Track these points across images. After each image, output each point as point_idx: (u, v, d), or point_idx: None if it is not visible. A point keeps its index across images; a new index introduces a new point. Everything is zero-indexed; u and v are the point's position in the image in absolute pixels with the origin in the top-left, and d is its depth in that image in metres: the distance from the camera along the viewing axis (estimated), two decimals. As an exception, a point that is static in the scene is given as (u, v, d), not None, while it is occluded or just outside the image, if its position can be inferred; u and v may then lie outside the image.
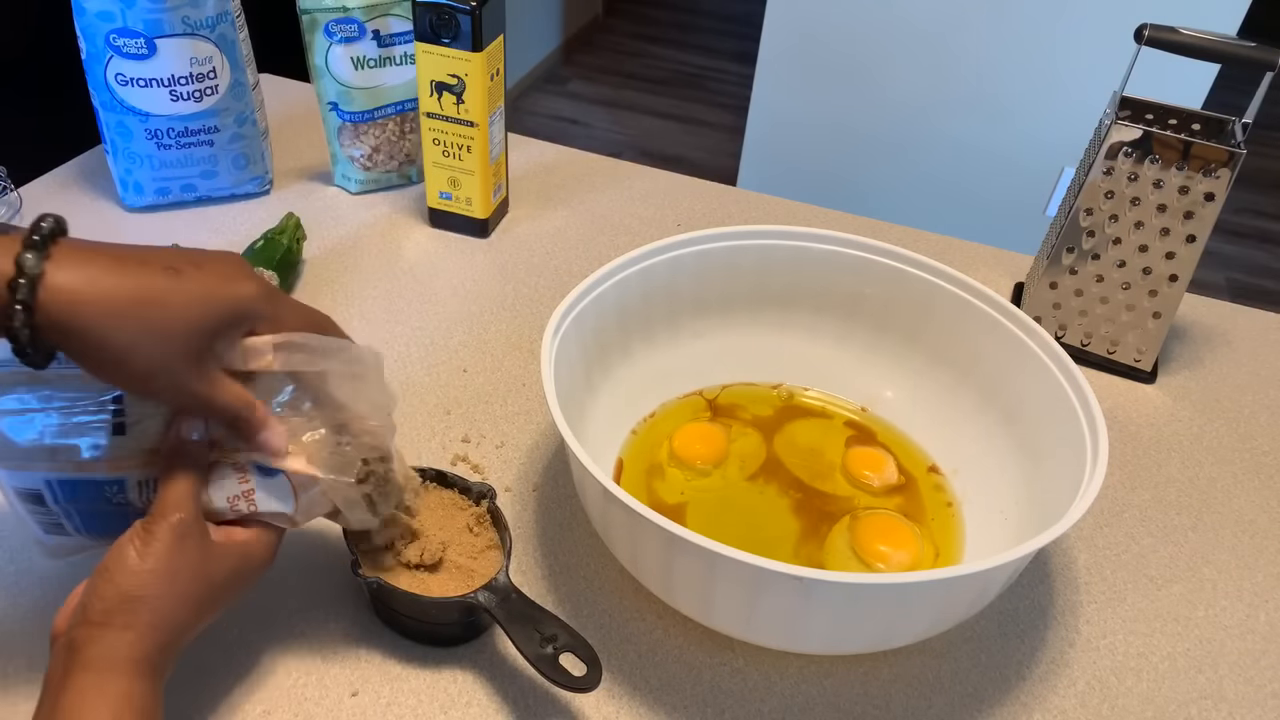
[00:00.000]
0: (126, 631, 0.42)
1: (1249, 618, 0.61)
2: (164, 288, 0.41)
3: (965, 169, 2.15)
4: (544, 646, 0.49)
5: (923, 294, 0.67)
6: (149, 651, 0.42)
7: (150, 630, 0.42)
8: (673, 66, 3.42)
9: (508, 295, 0.84)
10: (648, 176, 1.02)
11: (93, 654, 0.41)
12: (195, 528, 0.45)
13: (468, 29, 0.78)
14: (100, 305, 0.39)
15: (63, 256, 0.39)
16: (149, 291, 0.40)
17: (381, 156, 0.94)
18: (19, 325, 0.38)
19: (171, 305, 0.41)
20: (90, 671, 0.41)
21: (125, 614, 0.42)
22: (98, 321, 0.39)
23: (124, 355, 0.40)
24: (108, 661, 0.41)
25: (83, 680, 0.41)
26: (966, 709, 0.54)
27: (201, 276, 0.42)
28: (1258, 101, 0.69)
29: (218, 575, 0.45)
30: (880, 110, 2.15)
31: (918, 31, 2.01)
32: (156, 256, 0.42)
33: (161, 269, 0.41)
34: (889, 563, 0.60)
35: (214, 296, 0.42)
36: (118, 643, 0.42)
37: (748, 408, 0.71)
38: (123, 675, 0.41)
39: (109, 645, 0.41)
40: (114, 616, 0.42)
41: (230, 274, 0.43)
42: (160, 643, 0.43)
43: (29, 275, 0.38)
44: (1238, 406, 0.78)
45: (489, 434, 0.70)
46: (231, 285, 0.43)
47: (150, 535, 0.43)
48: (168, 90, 0.83)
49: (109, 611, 0.42)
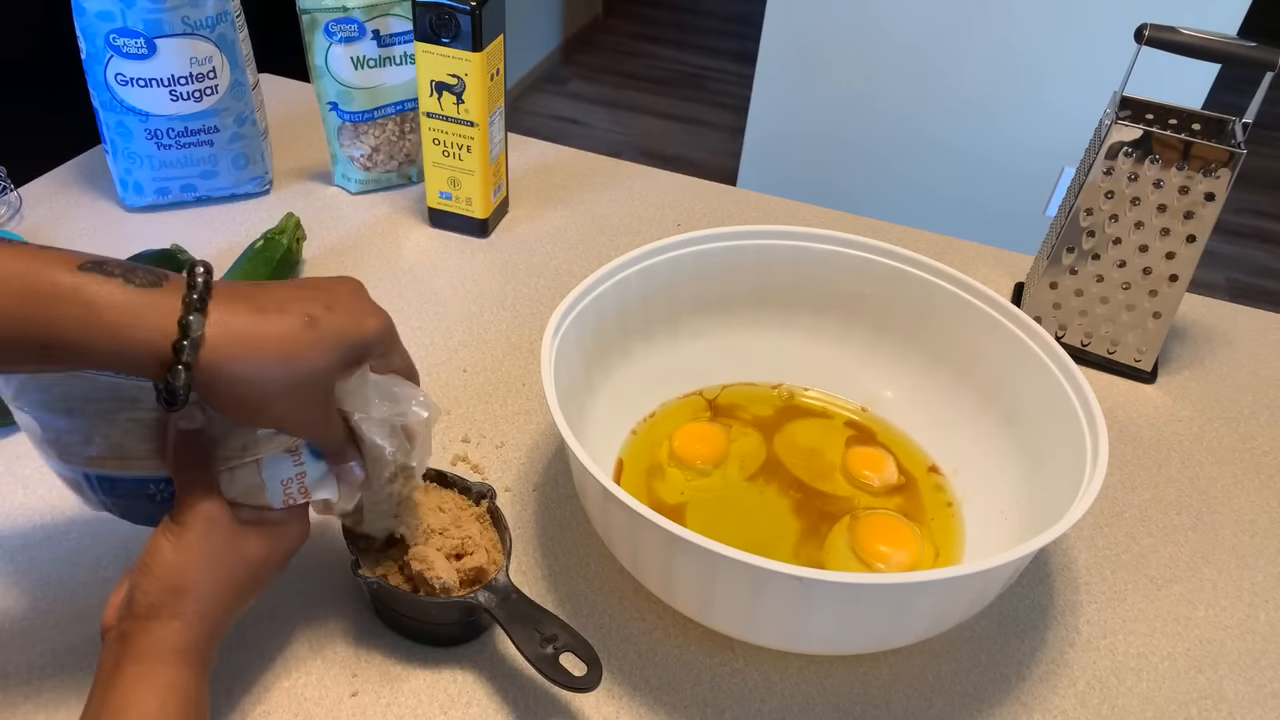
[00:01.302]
0: (173, 620, 0.43)
1: (1249, 618, 0.61)
2: (305, 342, 0.42)
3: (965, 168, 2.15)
4: (544, 646, 0.49)
5: (923, 294, 0.67)
6: (196, 640, 0.44)
7: (197, 618, 0.44)
8: (673, 66, 3.43)
9: (508, 295, 0.84)
10: (648, 176, 1.02)
11: (141, 646, 0.43)
12: (223, 512, 0.45)
13: (468, 29, 0.78)
14: (249, 362, 0.41)
15: (216, 311, 0.41)
16: (291, 346, 0.42)
17: (381, 156, 0.94)
18: (180, 384, 0.39)
19: (311, 358, 0.43)
20: (139, 663, 0.42)
21: (171, 605, 0.43)
22: (244, 376, 0.41)
23: (264, 405, 0.42)
24: (156, 652, 0.42)
25: (132, 671, 0.42)
26: (966, 709, 0.54)
27: (335, 322, 0.44)
28: (1258, 101, 0.69)
29: (255, 555, 0.47)
30: (880, 110, 2.15)
31: (919, 31, 2.01)
32: (294, 303, 0.43)
33: (300, 320, 0.43)
34: (889, 563, 0.60)
35: (346, 342, 0.44)
36: (165, 632, 0.43)
37: (748, 408, 0.71)
38: (170, 665, 0.42)
39: (157, 636, 0.43)
40: (160, 609, 0.43)
41: (359, 312, 0.46)
42: (207, 630, 0.44)
43: (192, 338, 0.39)
44: (1238, 406, 0.78)
45: (489, 434, 0.70)
46: (360, 327, 0.45)
47: (182, 526, 0.44)
48: (168, 90, 0.83)
49: (154, 605, 0.43)
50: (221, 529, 0.45)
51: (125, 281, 0.39)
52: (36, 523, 0.60)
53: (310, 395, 0.44)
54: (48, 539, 0.60)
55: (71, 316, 0.38)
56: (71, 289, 0.38)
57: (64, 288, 0.38)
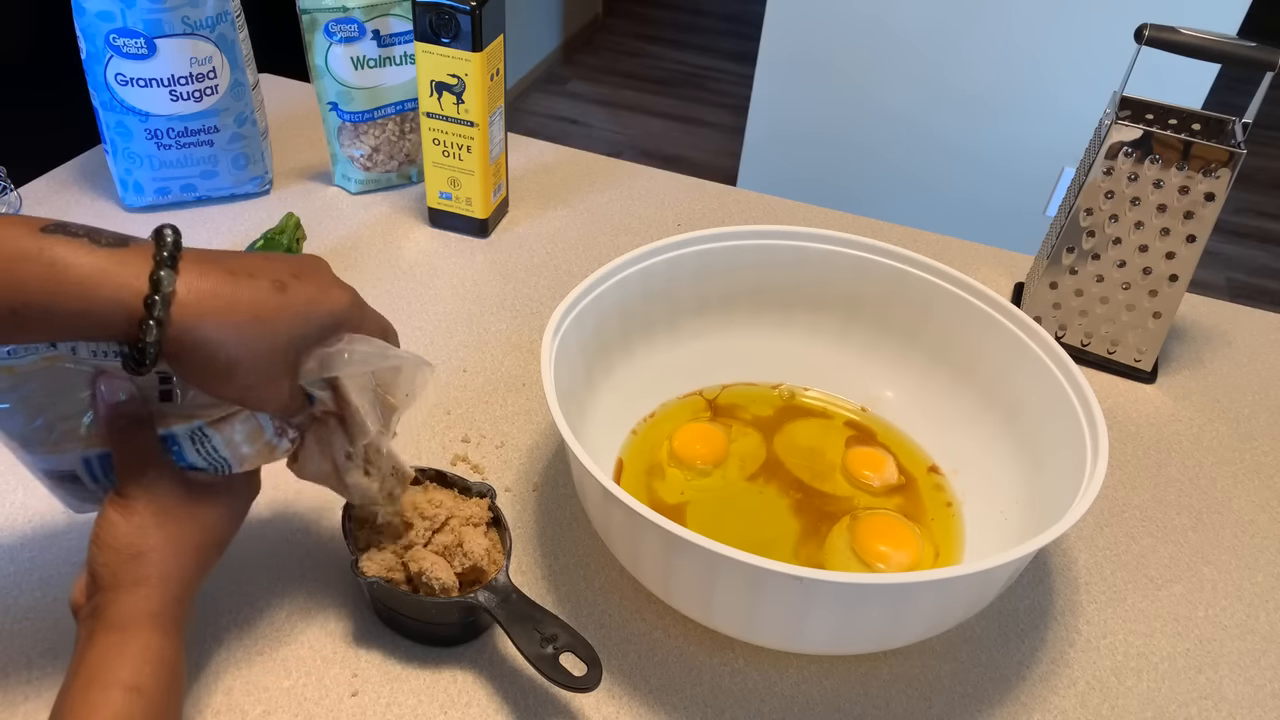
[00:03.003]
0: (138, 588, 0.44)
1: (1249, 618, 0.61)
2: (274, 305, 0.42)
3: (965, 168, 2.15)
4: (544, 646, 0.49)
5: (923, 294, 0.67)
6: (166, 603, 0.44)
7: (161, 582, 0.44)
8: (673, 66, 3.42)
9: (508, 295, 0.84)
10: (648, 176, 1.02)
11: (112, 615, 0.43)
12: (166, 478, 0.46)
13: (468, 29, 0.78)
14: (219, 323, 0.41)
15: (187, 271, 0.40)
16: (261, 309, 0.42)
17: (381, 156, 0.94)
18: (151, 341, 0.39)
19: (279, 322, 0.43)
20: (112, 631, 0.43)
21: (132, 573, 0.44)
22: (215, 338, 0.41)
23: (231, 368, 0.42)
24: (127, 618, 0.43)
25: (105, 640, 0.43)
26: (966, 709, 0.54)
27: (303, 290, 0.44)
28: (1258, 101, 0.69)
29: (209, 515, 0.47)
30: (880, 110, 2.15)
31: (919, 31, 2.01)
32: (263, 269, 0.43)
33: (269, 284, 0.43)
34: (889, 563, 0.60)
35: (314, 311, 0.44)
36: (133, 600, 0.43)
37: (748, 408, 0.71)
38: (142, 630, 0.43)
39: (126, 604, 0.43)
40: (121, 577, 0.44)
41: (325, 284, 0.45)
42: (173, 593, 0.45)
43: (164, 293, 0.39)
44: (1238, 406, 0.78)
45: (489, 434, 0.70)
46: (328, 297, 0.45)
47: (127, 497, 0.45)
48: (168, 90, 0.83)
49: (116, 574, 0.44)
50: (168, 492, 0.45)
51: (91, 241, 0.39)
52: (36, 523, 0.60)
53: (276, 363, 0.43)
54: (48, 539, 0.60)
55: (38, 277, 0.38)
56: (37, 250, 0.38)
57: (29, 250, 0.38)
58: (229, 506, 0.49)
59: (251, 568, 0.59)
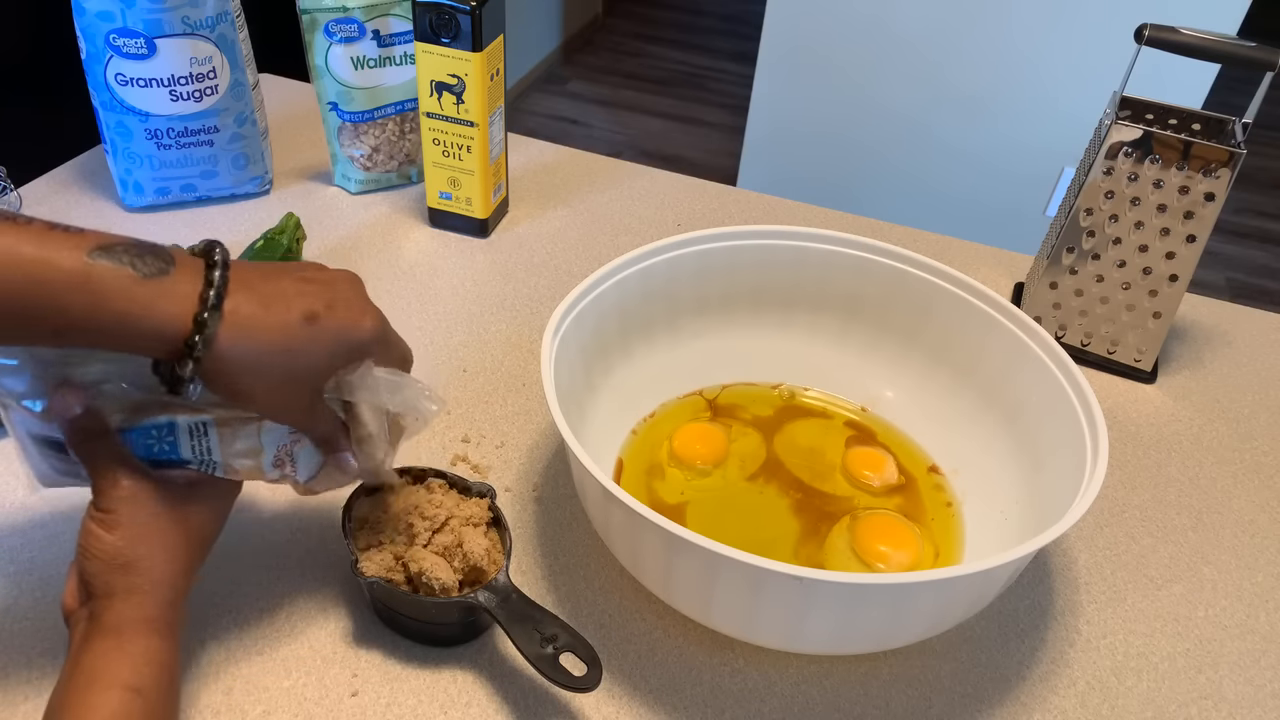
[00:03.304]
0: (131, 595, 0.44)
1: (1249, 618, 0.61)
2: (304, 339, 0.44)
3: (965, 168, 2.15)
4: (544, 646, 0.49)
5: (923, 294, 0.67)
6: (161, 608, 0.45)
7: (154, 588, 0.45)
8: (673, 66, 3.42)
9: (508, 295, 0.84)
10: (648, 176, 1.02)
11: (109, 620, 0.44)
12: (145, 485, 0.46)
13: (468, 29, 0.78)
14: (247, 351, 0.42)
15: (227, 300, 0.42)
16: (291, 343, 0.43)
17: (381, 156, 0.94)
18: (188, 375, 0.41)
19: (309, 355, 0.44)
20: (109, 635, 0.43)
21: (123, 582, 0.44)
22: (241, 364, 0.42)
23: (255, 392, 0.44)
24: (124, 623, 0.44)
25: (103, 644, 0.43)
26: (966, 709, 0.54)
27: (334, 321, 0.45)
28: (1258, 101, 0.69)
29: (194, 516, 0.48)
30: (881, 110, 2.15)
31: (919, 31, 2.01)
32: (298, 299, 0.44)
33: (301, 317, 0.44)
34: (889, 563, 0.60)
35: (343, 341, 0.45)
36: (128, 606, 0.44)
37: (748, 408, 0.71)
38: (139, 634, 0.44)
39: (120, 611, 0.44)
40: (114, 586, 0.44)
41: (356, 312, 0.46)
42: (166, 597, 0.45)
43: (206, 336, 0.41)
44: (1238, 406, 0.78)
45: (489, 434, 0.70)
46: (357, 326, 0.46)
47: (106, 510, 0.45)
48: (168, 90, 0.83)
49: (108, 584, 0.44)
50: (149, 499, 0.46)
51: (134, 269, 0.40)
52: (36, 523, 0.60)
53: (301, 388, 0.45)
54: (48, 539, 0.60)
55: (81, 304, 0.39)
56: (82, 278, 0.39)
57: (75, 276, 0.39)
58: (213, 504, 0.49)
59: (251, 568, 0.59)
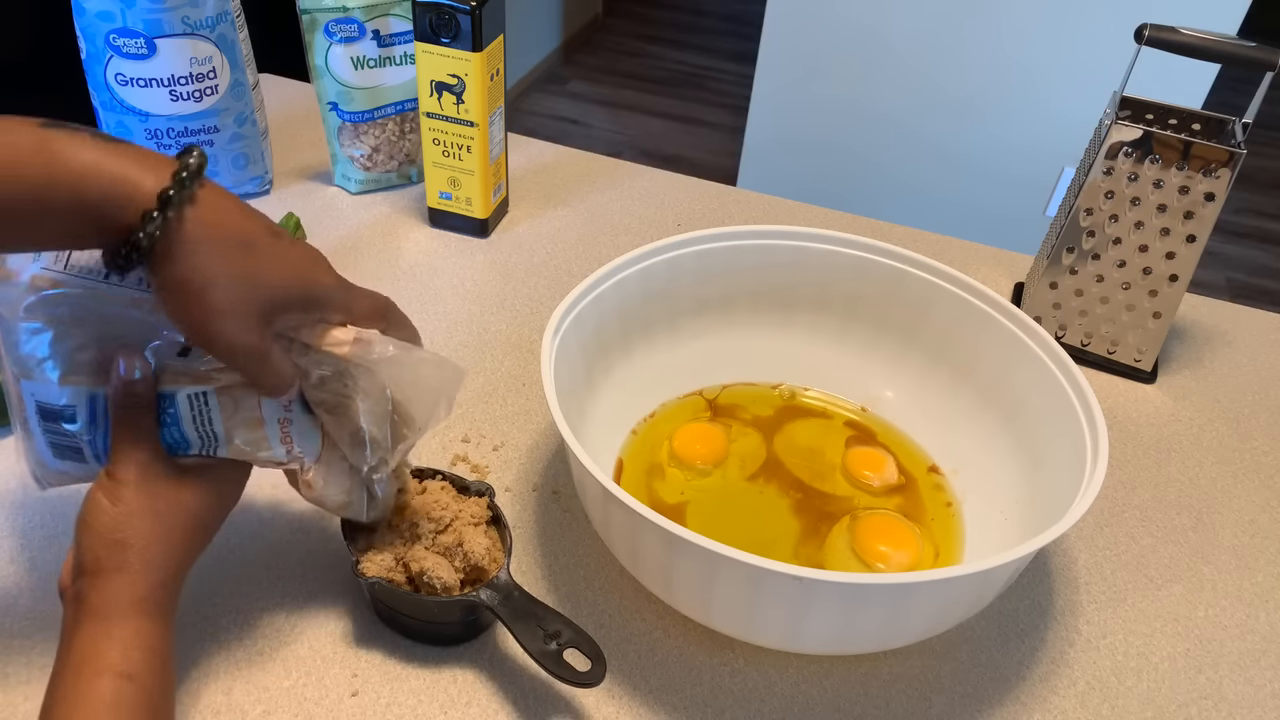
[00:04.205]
0: (121, 574, 0.43)
1: (1249, 618, 0.61)
2: (266, 244, 0.43)
3: (965, 168, 2.15)
4: (548, 643, 0.49)
5: (922, 294, 0.67)
6: (151, 589, 0.44)
7: (145, 569, 0.44)
8: (673, 66, 3.42)
9: (508, 295, 0.84)
10: (648, 176, 1.02)
11: (96, 601, 0.43)
12: (159, 463, 0.46)
13: (468, 29, 0.78)
14: (214, 238, 0.41)
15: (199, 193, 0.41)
16: (254, 239, 0.42)
17: (381, 156, 0.94)
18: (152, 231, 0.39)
19: (266, 259, 0.43)
20: (96, 617, 0.43)
21: (116, 559, 0.44)
22: (205, 249, 0.40)
23: (205, 287, 0.41)
24: (111, 605, 0.43)
25: (91, 627, 0.42)
26: (966, 709, 0.55)
27: (295, 253, 0.44)
28: (1258, 101, 0.69)
29: (195, 502, 0.47)
30: (880, 110, 2.15)
31: (919, 31, 2.01)
32: (266, 222, 0.44)
33: (267, 229, 0.43)
34: (889, 563, 0.60)
35: (300, 275, 0.44)
36: (117, 586, 0.43)
37: (748, 408, 0.71)
38: (128, 616, 0.43)
39: (110, 591, 0.43)
40: (105, 564, 0.44)
41: (316, 261, 0.46)
42: (158, 580, 0.45)
43: (177, 200, 0.39)
44: (1238, 406, 0.78)
45: (489, 434, 0.70)
46: (315, 271, 0.45)
47: (116, 481, 0.45)
48: (168, 90, 0.83)
49: (99, 559, 0.44)
50: (157, 479, 0.45)
51: (92, 135, 0.39)
52: (37, 522, 0.60)
53: (251, 302, 0.42)
54: (48, 539, 0.60)
55: (36, 167, 0.38)
56: (38, 141, 0.38)
57: (28, 141, 0.38)
58: (215, 490, 0.48)
59: (251, 568, 0.59)
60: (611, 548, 0.56)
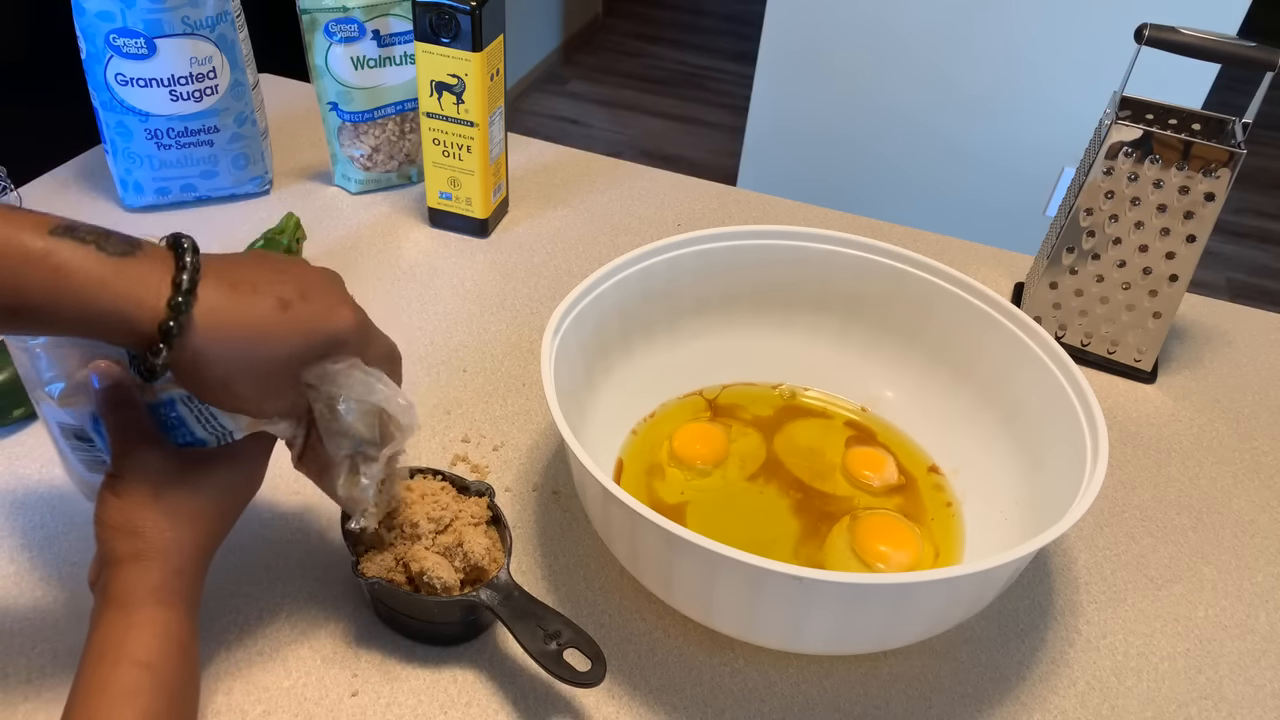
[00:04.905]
0: (137, 563, 0.44)
1: (1249, 618, 0.61)
2: (275, 324, 0.42)
3: (965, 168, 2.15)
4: (548, 643, 0.49)
5: (922, 294, 0.67)
6: (166, 578, 0.44)
7: (161, 556, 0.44)
8: (673, 66, 3.42)
9: (508, 295, 0.84)
10: (648, 176, 1.02)
11: (115, 591, 0.44)
12: (158, 452, 0.46)
13: (467, 29, 0.78)
14: (218, 338, 0.41)
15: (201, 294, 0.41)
16: (262, 328, 0.42)
17: (381, 156, 0.94)
18: (160, 363, 0.40)
19: (278, 341, 0.43)
20: (115, 606, 0.43)
21: (130, 548, 0.44)
22: (215, 354, 0.41)
23: (226, 382, 0.42)
24: (130, 594, 0.44)
25: (111, 615, 0.43)
26: (966, 709, 0.55)
27: (307, 310, 0.44)
28: (1258, 101, 0.69)
29: (208, 487, 0.47)
30: (880, 110, 2.15)
31: (919, 31, 2.01)
32: (269, 285, 0.43)
33: (274, 303, 0.43)
34: (889, 563, 0.60)
35: (315, 331, 0.44)
36: (134, 575, 0.44)
37: (748, 408, 0.71)
38: (146, 605, 0.43)
39: (126, 579, 0.44)
40: (121, 554, 0.44)
41: (332, 303, 0.45)
42: (175, 567, 0.45)
43: (180, 322, 0.39)
44: (1238, 406, 0.78)
45: (489, 434, 0.70)
46: (332, 318, 0.45)
47: (119, 475, 0.45)
48: (168, 90, 0.83)
49: (115, 550, 0.44)
50: (160, 466, 0.46)
51: (98, 249, 0.39)
52: (36, 522, 0.60)
53: (273, 379, 0.44)
54: (48, 539, 0.60)
55: (39, 280, 0.38)
56: (42, 253, 0.38)
57: (34, 251, 0.38)
58: (230, 474, 0.48)
59: (251, 568, 0.59)
60: (611, 548, 0.56)
